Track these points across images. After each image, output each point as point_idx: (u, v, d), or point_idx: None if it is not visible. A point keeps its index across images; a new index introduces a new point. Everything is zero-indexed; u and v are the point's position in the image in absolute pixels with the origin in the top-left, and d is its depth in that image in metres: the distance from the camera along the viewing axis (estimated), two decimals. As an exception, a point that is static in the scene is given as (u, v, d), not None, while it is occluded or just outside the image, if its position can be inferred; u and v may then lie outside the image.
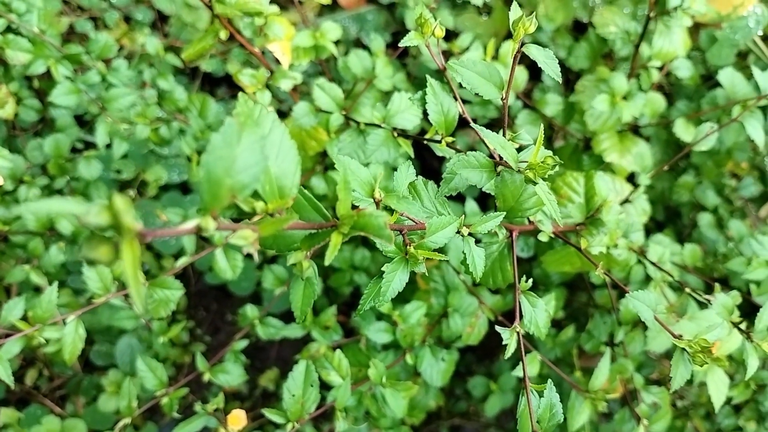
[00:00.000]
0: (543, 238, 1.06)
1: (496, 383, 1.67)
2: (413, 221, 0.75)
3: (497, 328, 0.88)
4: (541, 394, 0.84)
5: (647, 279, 1.35)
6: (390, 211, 0.75)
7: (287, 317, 1.60)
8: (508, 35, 1.82)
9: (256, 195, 0.56)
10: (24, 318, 1.19)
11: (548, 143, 1.79)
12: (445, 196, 0.89)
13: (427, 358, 1.34)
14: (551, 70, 0.80)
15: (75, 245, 1.56)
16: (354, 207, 0.62)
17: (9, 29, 1.41)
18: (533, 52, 0.79)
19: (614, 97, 1.41)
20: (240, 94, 0.58)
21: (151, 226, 1.77)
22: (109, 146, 1.61)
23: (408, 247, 0.70)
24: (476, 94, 0.86)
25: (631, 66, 1.48)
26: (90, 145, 1.86)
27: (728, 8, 1.55)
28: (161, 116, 1.60)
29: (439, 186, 0.88)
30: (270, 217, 0.57)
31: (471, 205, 1.51)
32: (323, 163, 1.53)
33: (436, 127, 0.95)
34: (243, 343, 1.47)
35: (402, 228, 0.73)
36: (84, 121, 1.89)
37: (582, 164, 1.59)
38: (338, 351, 1.19)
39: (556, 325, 1.77)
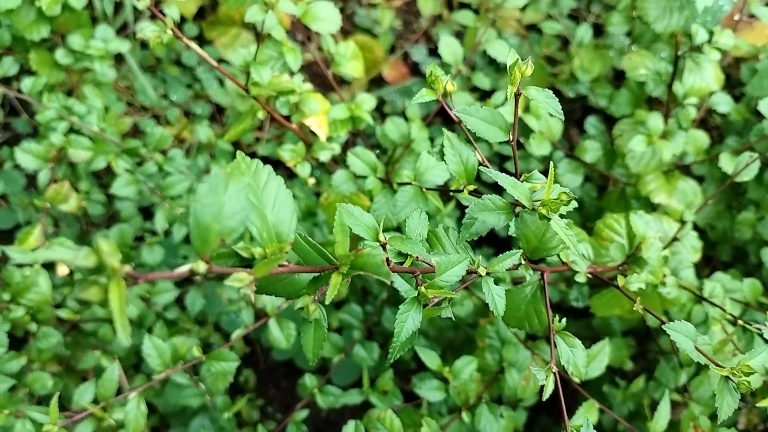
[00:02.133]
0: (580, 279, 1.05)
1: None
2: (428, 264, 0.77)
3: (531, 368, 0.88)
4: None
5: (707, 319, 1.31)
6: (404, 256, 0.78)
7: (352, 387, 1.62)
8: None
9: (254, 242, 0.60)
10: (94, 401, 1.25)
11: (598, 192, 1.78)
12: (468, 242, 0.91)
13: (485, 416, 1.32)
14: (552, 109, 0.82)
15: (142, 329, 1.64)
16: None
17: (71, 130, 1.53)
18: (532, 93, 0.82)
19: (651, 137, 1.41)
20: (238, 151, 0.63)
21: (215, 309, 1.84)
22: (168, 233, 1.70)
23: (420, 287, 0.72)
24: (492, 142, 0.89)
25: (667, 106, 1.48)
26: (153, 234, 1.96)
27: (763, 39, 1.53)
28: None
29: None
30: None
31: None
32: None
33: (457, 176, 0.98)
34: (303, 414, 1.48)
35: (415, 271, 0.75)
36: (149, 212, 2.00)
37: (631, 208, 1.57)
38: (389, 411, 1.20)
39: (626, 377, 1.72)
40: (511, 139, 0.85)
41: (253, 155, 2.27)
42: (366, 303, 1.78)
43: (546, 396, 0.88)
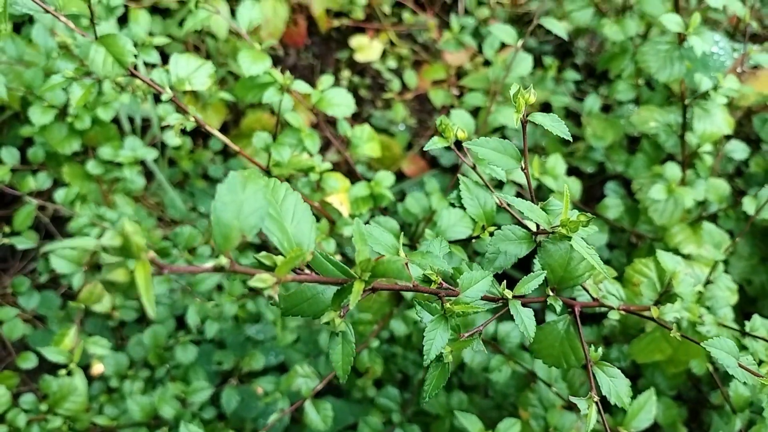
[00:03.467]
0: (614, 316, 1.03)
1: None
2: (451, 287, 0.77)
3: (571, 398, 0.85)
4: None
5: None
6: (428, 283, 0.78)
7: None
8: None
9: (276, 252, 0.61)
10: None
11: (628, 258, 1.77)
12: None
13: (535, 483, 1.26)
14: (559, 131, 0.84)
15: (177, 429, 1.61)
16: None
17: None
18: (538, 118, 0.84)
19: (671, 185, 1.41)
20: (252, 168, 0.65)
21: (251, 413, 1.81)
22: (202, 333, 1.71)
23: (445, 304, 0.72)
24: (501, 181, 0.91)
25: (683, 156, 1.49)
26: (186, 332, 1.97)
27: (769, 87, 1.57)
28: (246, 293, 1.70)
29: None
30: (293, 273, 0.61)
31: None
32: (399, 306, 1.57)
33: (477, 219, 0.99)
34: (347, 501, 1.43)
35: (439, 292, 0.75)
36: (181, 321, 2.01)
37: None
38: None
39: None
40: (524, 166, 0.87)
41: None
42: (405, 390, 1.74)
43: (590, 427, 0.85)
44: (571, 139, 0.85)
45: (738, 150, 1.52)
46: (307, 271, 0.62)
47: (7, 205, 2.17)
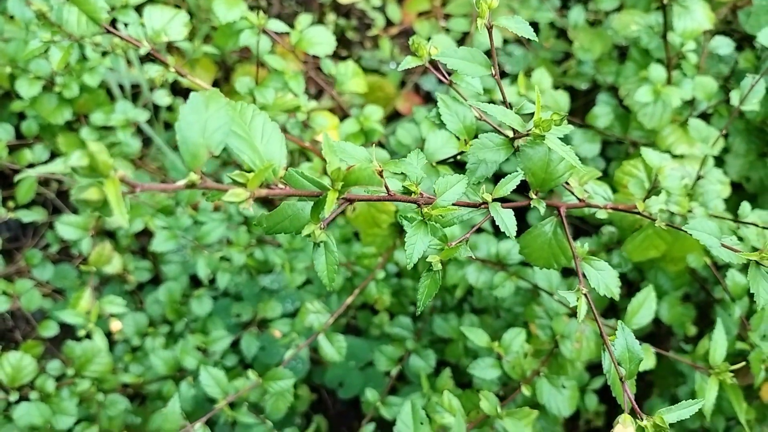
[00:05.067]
0: (601, 215, 1.05)
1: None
2: (430, 196, 0.79)
3: (560, 292, 0.88)
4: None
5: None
6: (408, 193, 0.80)
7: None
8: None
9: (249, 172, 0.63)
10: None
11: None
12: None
13: (546, 389, 1.30)
14: (525, 32, 0.85)
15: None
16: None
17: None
18: (503, 22, 0.85)
19: (656, 86, 1.42)
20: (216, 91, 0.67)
21: (274, 359, 1.86)
22: (217, 289, 1.76)
23: (423, 209, 0.74)
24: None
25: (667, 57, 1.49)
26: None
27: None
28: (253, 242, 1.73)
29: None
30: (267, 189, 0.63)
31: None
32: (402, 236, 1.59)
33: (457, 134, 1.01)
34: (371, 427, 1.48)
35: (418, 200, 0.77)
36: (195, 279, 2.06)
37: (655, 166, 1.56)
38: (446, 392, 1.19)
39: (691, 341, 1.67)
40: (493, 72, 0.88)
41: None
42: (418, 320, 1.78)
43: (580, 317, 0.87)
44: (536, 38, 0.86)
45: (722, 45, 1.51)
46: (281, 185, 0.64)
47: (9, 185, 2.21)
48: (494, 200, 0.84)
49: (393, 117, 2.40)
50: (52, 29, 1.25)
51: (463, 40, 2.16)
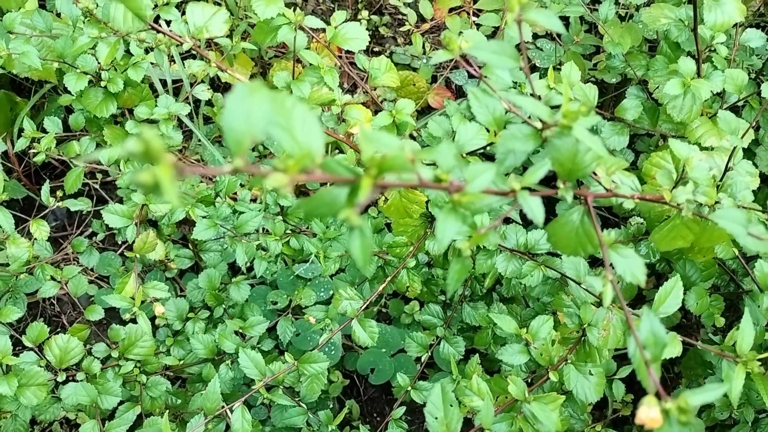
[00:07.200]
0: (628, 205, 1.08)
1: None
2: (461, 184, 0.83)
3: (587, 278, 0.91)
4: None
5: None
6: (439, 181, 0.84)
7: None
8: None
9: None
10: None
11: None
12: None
13: (573, 375, 1.33)
14: (554, 26, 0.88)
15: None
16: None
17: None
18: (532, 15, 0.88)
19: (686, 79, 1.43)
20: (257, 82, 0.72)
21: (308, 345, 1.92)
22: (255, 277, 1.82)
23: (453, 196, 0.78)
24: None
25: (697, 50, 1.50)
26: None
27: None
28: (288, 231, 1.79)
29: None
30: (305, 174, 0.68)
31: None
32: (432, 226, 1.63)
33: (488, 126, 1.04)
34: (401, 411, 1.52)
35: (448, 188, 0.81)
36: (233, 267, 2.12)
37: (685, 159, 1.58)
38: (475, 376, 1.23)
39: (720, 332, 1.69)
40: (522, 65, 0.92)
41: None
42: (448, 308, 1.82)
43: (606, 302, 0.90)
44: (565, 32, 0.89)
45: (754, 38, 1.52)
46: (318, 171, 0.68)
47: (57, 177, 2.30)
48: (522, 189, 0.87)
49: (424, 111, 2.44)
50: (99, 26, 1.32)
51: (493, 35, 2.18)
